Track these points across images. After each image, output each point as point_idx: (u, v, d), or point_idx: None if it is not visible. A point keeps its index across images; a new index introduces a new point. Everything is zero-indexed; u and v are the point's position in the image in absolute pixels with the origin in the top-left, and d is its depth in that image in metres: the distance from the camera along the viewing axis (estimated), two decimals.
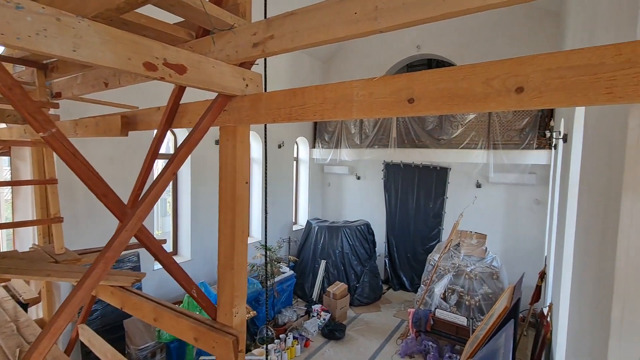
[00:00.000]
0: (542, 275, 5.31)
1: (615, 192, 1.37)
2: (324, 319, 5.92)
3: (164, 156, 5.10)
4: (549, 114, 6.12)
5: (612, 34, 1.79)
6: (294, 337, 5.30)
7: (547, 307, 4.24)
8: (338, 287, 6.35)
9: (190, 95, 1.95)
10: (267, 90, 1.75)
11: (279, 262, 6.14)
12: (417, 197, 7.72)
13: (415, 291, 6.89)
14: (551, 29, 6.13)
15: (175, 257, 5.48)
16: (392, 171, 7.98)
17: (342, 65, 8.51)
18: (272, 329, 5.19)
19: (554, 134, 5.60)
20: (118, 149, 4.46)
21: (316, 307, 6.18)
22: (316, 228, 7.27)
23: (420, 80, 1.21)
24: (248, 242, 2.12)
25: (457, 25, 6.93)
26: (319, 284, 6.80)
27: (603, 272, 1.40)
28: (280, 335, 5.20)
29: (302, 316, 6.00)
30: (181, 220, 5.48)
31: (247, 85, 1.75)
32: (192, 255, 5.33)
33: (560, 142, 4.66)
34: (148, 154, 1.88)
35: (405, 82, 1.25)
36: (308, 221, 7.77)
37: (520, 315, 5.59)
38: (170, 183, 5.56)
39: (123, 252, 1.71)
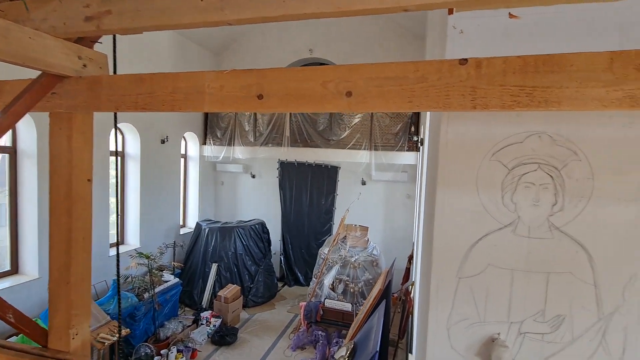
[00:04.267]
0: (410, 259, 6.21)
1: (434, 185, 1.67)
2: (214, 325, 5.63)
3: None
4: (416, 122, 7.18)
5: (437, 56, 2.19)
6: (179, 350, 4.88)
7: (411, 285, 4.97)
8: (230, 290, 6.13)
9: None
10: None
11: (162, 270, 5.57)
12: (310, 194, 8.07)
13: (309, 285, 7.19)
14: (417, 48, 7.19)
15: (15, 277, 4.38)
16: (287, 169, 8.13)
17: (235, 59, 8.23)
18: (151, 346, 4.66)
19: (418, 138, 6.63)
20: None
21: (206, 314, 5.83)
22: (207, 230, 6.86)
23: (269, 78, 1.23)
24: (123, 251, 1.82)
25: (344, 33, 7.50)
26: (210, 289, 6.44)
27: (428, 252, 1.70)
28: (162, 351, 4.72)
29: (188, 326, 5.58)
30: (24, 231, 4.41)
31: (84, 65, 1.50)
32: (40, 273, 4.36)
33: (422, 145, 5.53)
34: None
35: (255, 78, 1.25)
36: (198, 223, 7.26)
37: (395, 294, 6.46)
38: (7, 185, 4.41)
39: None
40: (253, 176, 8.42)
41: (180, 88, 1.33)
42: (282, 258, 8.09)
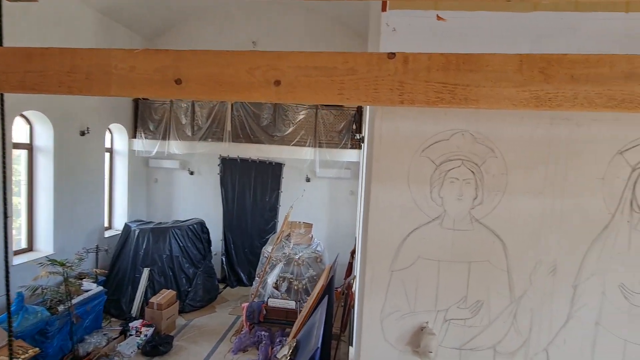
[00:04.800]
0: (353, 253, 6.38)
1: (369, 181, 1.68)
2: (146, 335, 5.17)
3: None
4: (358, 120, 7.37)
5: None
6: None
7: (352, 279, 5.10)
8: (164, 296, 5.68)
9: None
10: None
11: (81, 279, 4.94)
12: (254, 191, 7.84)
13: (253, 285, 6.99)
14: (360, 45, 7.37)
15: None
16: (229, 166, 7.79)
17: (170, 48, 7.62)
18: None
19: (361, 136, 6.82)
20: None
21: (135, 323, 5.33)
22: (137, 232, 6.27)
23: (187, 60, 1.11)
24: (32, 258, 1.48)
25: (289, 28, 7.40)
26: (141, 296, 5.91)
27: (364, 247, 1.71)
28: None
29: (115, 338, 5.05)
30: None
31: None
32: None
33: (363, 143, 5.70)
34: None
35: (172, 60, 1.12)
36: (126, 224, 6.61)
37: (339, 289, 6.59)
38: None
39: None
40: (191, 173, 7.91)
41: (79, 67, 1.13)
42: (223, 258, 7.76)
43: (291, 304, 5.76)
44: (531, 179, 1.57)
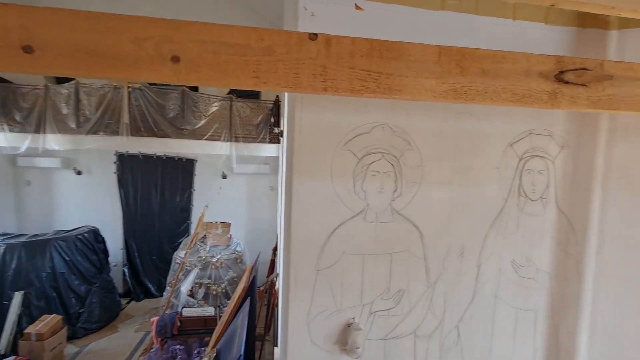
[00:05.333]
0: (275, 250, 6.24)
1: (290, 175, 1.56)
2: None
3: None
4: (277, 113, 7.20)
5: None
6: None
7: (275, 277, 4.98)
8: (46, 323, 4.66)
9: None
10: None
11: None
12: (161, 191, 7.02)
13: (164, 296, 6.27)
14: None
15: None
16: (128, 164, 6.79)
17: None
18: None
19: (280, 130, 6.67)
20: None
21: None
22: (3, 248, 4.99)
23: (41, 20, 0.81)
24: None
25: (200, 17, 6.73)
26: (12, 327, 4.73)
27: (287, 246, 1.59)
28: None
29: None
30: None
31: None
32: None
33: (282, 137, 5.56)
34: None
35: (17, 18, 0.80)
36: None
37: (261, 288, 6.39)
38: None
39: None
40: (79, 172, 6.66)
41: None
42: (125, 270, 6.77)
43: (210, 311, 5.34)
44: (442, 170, 1.66)
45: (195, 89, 7.10)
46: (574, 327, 1.82)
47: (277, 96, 7.18)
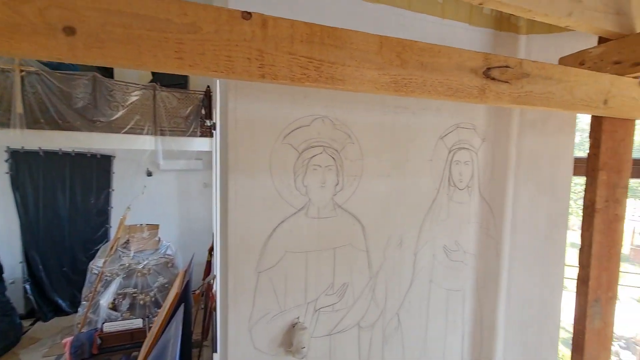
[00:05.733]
0: (211, 250, 5.89)
1: (225, 172, 1.42)
2: None
3: None
4: (208, 105, 6.73)
5: None
6: None
7: (212, 279, 4.69)
8: None
9: None
10: None
11: None
12: (71, 193, 6.08)
13: (79, 312, 5.48)
14: None
15: None
16: (25, 161, 5.72)
17: None
18: None
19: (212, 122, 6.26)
20: None
21: None
22: None
23: None
24: None
25: None
26: None
27: (224, 248, 1.46)
28: None
29: None
30: None
31: None
32: None
33: (215, 130, 5.21)
34: None
35: None
36: None
37: (197, 291, 5.99)
38: None
39: None
40: None
41: None
42: (27, 286, 5.75)
43: (137, 323, 4.82)
44: (381, 163, 1.68)
45: (111, 75, 6.27)
46: (494, 299, 2.03)
47: (208, 86, 6.73)
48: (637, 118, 1.40)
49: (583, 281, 1.57)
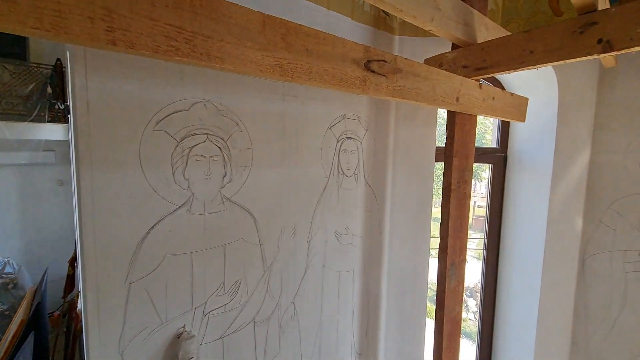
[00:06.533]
0: (73, 262, 4.85)
1: (77, 167, 1.13)
2: None
3: None
4: (59, 82, 5.42)
5: None
6: None
7: (76, 296, 3.89)
8: None
9: None
10: None
11: None
12: None
13: None
14: None
15: None
16: None
17: None
18: None
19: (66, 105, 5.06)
20: None
21: None
22: None
23: None
24: None
25: None
26: None
27: (81, 258, 1.17)
28: None
29: None
30: None
31: None
32: None
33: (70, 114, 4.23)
34: None
35: None
36: None
37: (57, 312, 4.87)
38: None
39: None
40: None
41: None
42: None
43: None
44: (272, 152, 1.63)
45: None
46: (378, 274, 2.25)
47: (59, 59, 5.41)
48: (478, 114, 1.71)
49: (442, 249, 1.87)
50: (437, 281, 1.93)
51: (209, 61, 0.82)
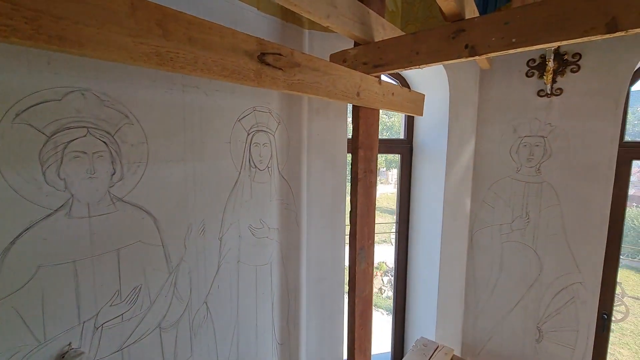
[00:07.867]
0: None
1: None
2: None
3: None
4: None
5: None
6: None
7: None
8: None
9: None
10: None
11: None
12: None
13: None
14: None
15: None
16: None
17: None
18: None
19: None
20: None
21: None
22: None
23: None
24: None
25: None
26: None
27: None
28: None
29: None
30: None
31: None
32: None
33: None
34: None
35: None
36: None
37: None
38: None
39: None
40: None
41: None
42: None
43: None
44: (172, 146, 1.52)
45: None
46: (297, 265, 2.30)
47: None
48: (379, 108, 1.83)
49: (353, 235, 1.99)
50: (349, 265, 2.06)
51: (63, 45, 0.72)
